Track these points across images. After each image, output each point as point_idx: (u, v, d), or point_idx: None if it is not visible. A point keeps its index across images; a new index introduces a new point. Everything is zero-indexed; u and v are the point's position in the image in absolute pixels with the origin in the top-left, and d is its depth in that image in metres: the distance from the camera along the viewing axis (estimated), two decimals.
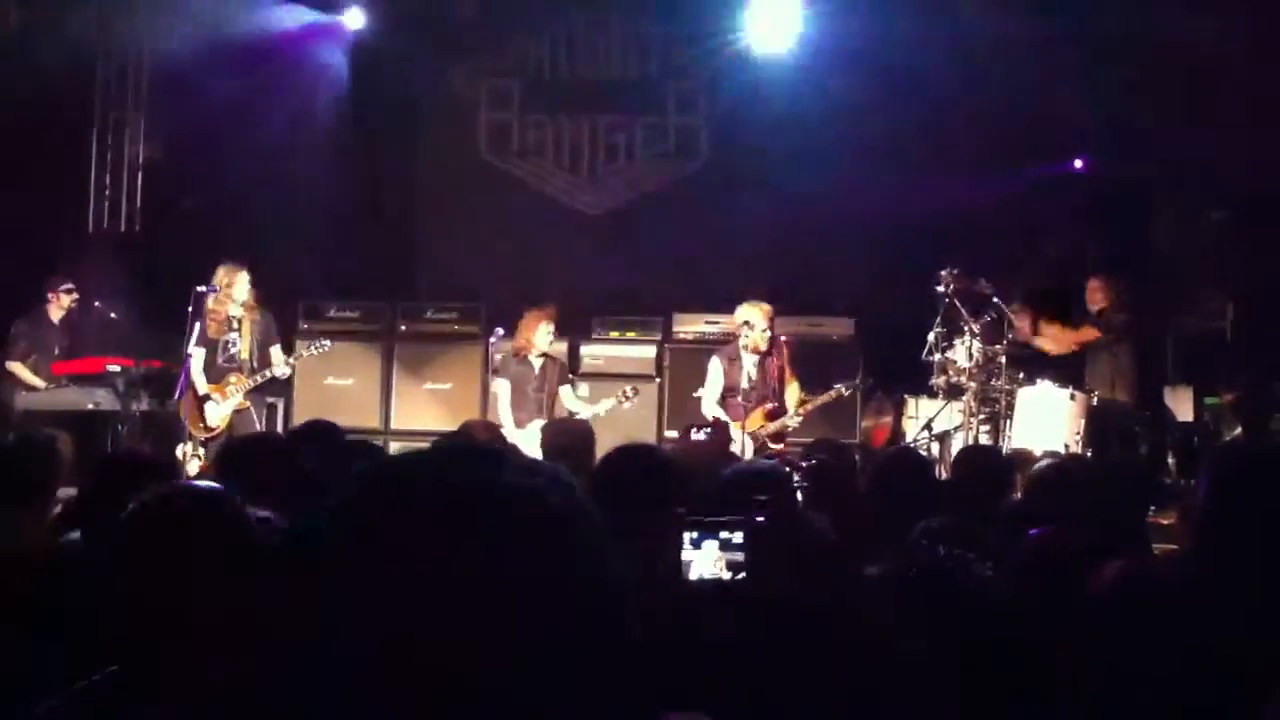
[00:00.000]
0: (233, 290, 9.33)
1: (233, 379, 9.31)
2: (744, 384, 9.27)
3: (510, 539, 0.99)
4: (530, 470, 1.06)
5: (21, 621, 2.89)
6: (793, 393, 9.55)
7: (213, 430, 9.15)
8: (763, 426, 9.28)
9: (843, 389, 9.69)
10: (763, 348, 9.32)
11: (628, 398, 9.87)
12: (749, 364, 9.39)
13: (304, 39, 12.21)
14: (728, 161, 12.56)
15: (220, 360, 9.32)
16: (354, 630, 0.95)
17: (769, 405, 9.37)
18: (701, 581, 2.46)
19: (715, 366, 9.53)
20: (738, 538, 2.44)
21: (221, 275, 9.36)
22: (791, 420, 9.40)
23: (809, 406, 9.51)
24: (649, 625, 2.40)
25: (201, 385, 9.26)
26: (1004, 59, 11.28)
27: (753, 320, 9.33)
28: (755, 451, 8.94)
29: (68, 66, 11.81)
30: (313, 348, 9.83)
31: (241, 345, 9.32)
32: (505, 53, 12.92)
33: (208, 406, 9.25)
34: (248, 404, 9.28)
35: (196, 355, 9.24)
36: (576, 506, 1.05)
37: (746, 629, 2.32)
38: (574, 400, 9.94)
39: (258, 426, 9.17)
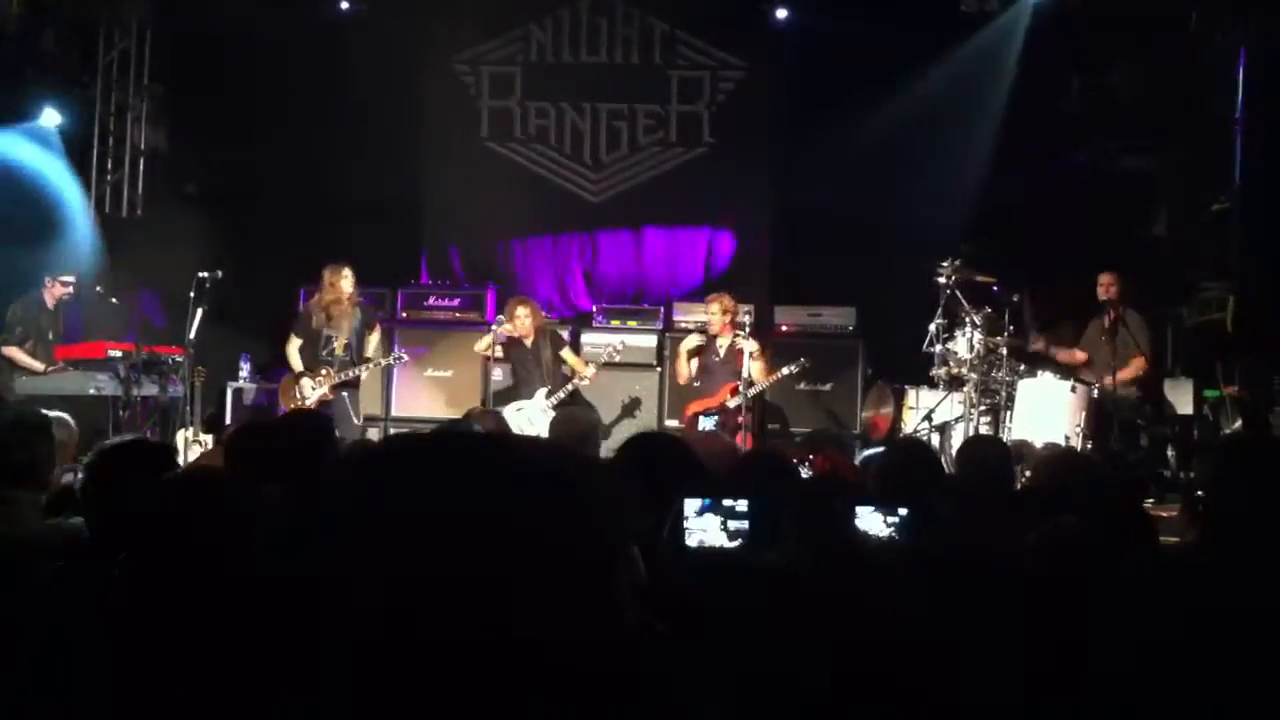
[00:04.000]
0: (341, 285, 9.94)
1: (323, 372, 9.84)
2: (713, 363, 10.54)
3: (514, 489, 1.00)
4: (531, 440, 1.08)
5: (17, 604, 2.89)
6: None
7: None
8: (728, 399, 10.21)
9: (792, 368, 10.24)
10: (713, 332, 10.51)
11: (617, 351, 10.71)
12: (720, 348, 10.51)
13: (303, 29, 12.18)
14: (729, 150, 12.56)
15: (322, 353, 9.92)
16: (360, 588, 0.96)
17: (733, 384, 10.21)
18: (701, 549, 2.49)
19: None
20: (741, 506, 2.49)
21: (328, 275, 9.97)
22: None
23: (765, 383, 10.26)
24: (659, 588, 2.43)
25: (297, 366, 9.94)
26: (1006, 49, 11.30)
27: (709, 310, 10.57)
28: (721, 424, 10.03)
29: (70, 51, 11.80)
30: (393, 358, 10.45)
31: (339, 341, 9.91)
32: (508, 39, 12.89)
33: (300, 386, 9.83)
34: (332, 395, 9.81)
35: (294, 343, 9.98)
36: (580, 462, 1.06)
37: (742, 595, 2.36)
38: (573, 359, 10.59)
39: (352, 416, 9.78)
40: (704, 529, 2.63)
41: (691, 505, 2.61)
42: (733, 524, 2.56)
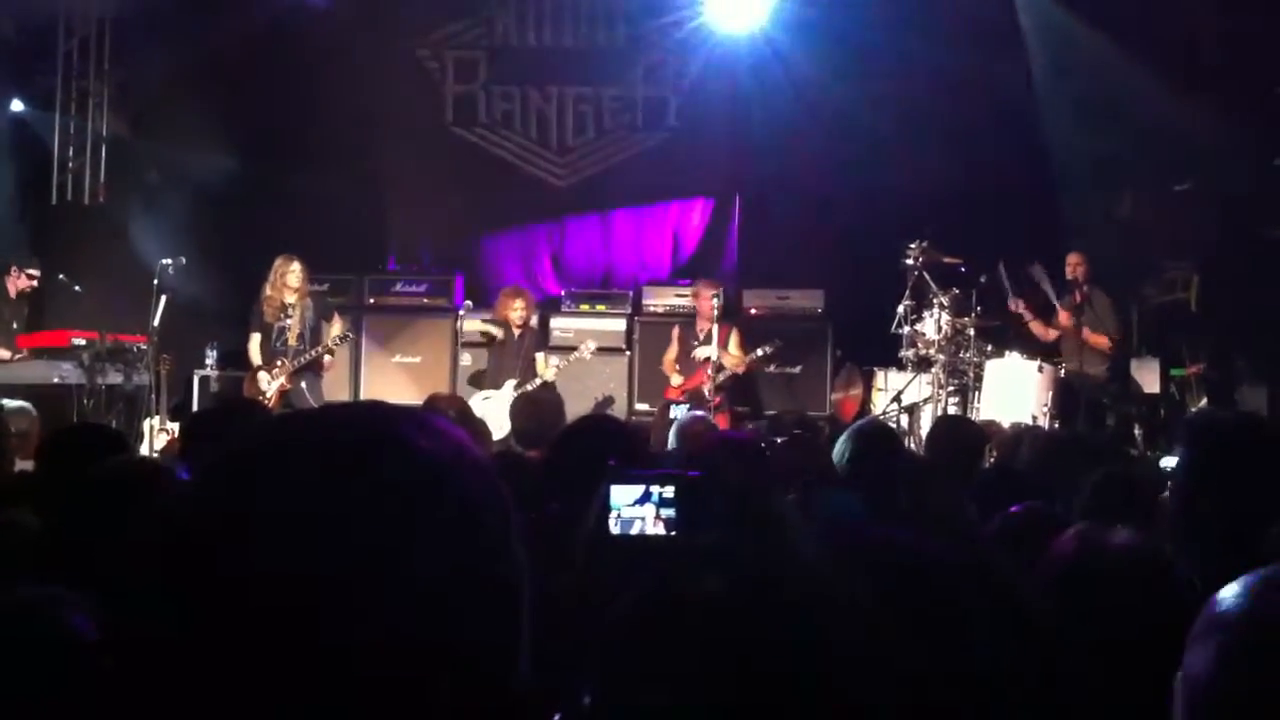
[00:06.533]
0: (287, 279, 10.07)
1: (279, 363, 10.00)
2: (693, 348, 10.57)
3: (385, 481, 0.99)
4: (424, 424, 1.05)
5: None
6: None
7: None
8: (703, 383, 10.34)
9: (766, 349, 10.39)
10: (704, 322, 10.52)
11: (590, 351, 10.69)
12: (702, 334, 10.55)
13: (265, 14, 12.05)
14: (696, 133, 12.52)
15: (276, 345, 10.07)
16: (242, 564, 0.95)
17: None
18: (630, 536, 2.45)
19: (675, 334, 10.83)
20: (669, 492, 2.44)
21: (278, 265, 10.11)
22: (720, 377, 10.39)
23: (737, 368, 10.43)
24: (584, 577, 2.41)
25: (256, 360, 10.10)
26: (971, 31, 11.31)
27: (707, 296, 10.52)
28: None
29: (30, 38, 11.67)
30: (339, 337, 10.42)
31: (291, 332, 10.06)
32: (471, 23, 12.81)
33: (259, 381, 9.99)
34: (290, 385, 9.97)
35: (253, 339, 10.13)
36: (456, 457, 1.04)
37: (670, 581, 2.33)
38: (543, 365, 10.46)
39: (311, 401, 9.83)
40: (641, 517, 2.59)
41: (627, 493, 2.56)
42: (665, 511, 2.51)
